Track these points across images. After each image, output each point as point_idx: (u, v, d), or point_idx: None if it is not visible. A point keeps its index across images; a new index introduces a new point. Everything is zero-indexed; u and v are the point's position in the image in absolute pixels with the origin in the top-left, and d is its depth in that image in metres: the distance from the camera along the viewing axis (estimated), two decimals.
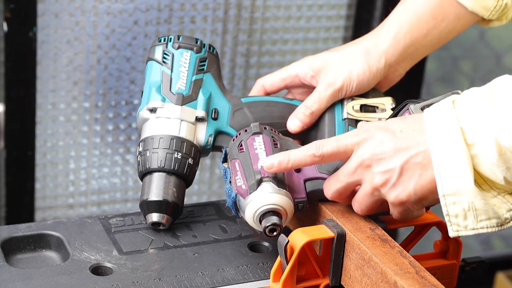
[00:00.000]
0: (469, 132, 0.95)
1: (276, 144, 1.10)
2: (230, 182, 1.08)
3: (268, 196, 1.04)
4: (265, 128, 1.12)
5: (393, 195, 1.00)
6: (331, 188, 1.05)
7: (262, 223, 1.04)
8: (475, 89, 0.98)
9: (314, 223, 1.10)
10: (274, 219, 1.03)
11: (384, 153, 1.00)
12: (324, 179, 1.08)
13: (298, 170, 1.09)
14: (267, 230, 1.04)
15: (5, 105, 1.63)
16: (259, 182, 1.05)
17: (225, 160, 1.13)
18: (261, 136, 1.10)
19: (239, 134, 1.13)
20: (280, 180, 1.06)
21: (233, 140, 1.13)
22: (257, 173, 1.05)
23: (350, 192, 1.05)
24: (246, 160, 1.08)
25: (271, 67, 1.81)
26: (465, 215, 0.96)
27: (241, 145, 1.10)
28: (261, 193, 1.04)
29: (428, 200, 1.00)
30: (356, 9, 1.83)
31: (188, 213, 1.20)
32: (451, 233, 0.98)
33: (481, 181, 0.96)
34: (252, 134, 1.11)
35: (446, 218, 0.97)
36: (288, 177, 1.08)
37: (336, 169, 1.07)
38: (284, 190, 1.05)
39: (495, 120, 0.93)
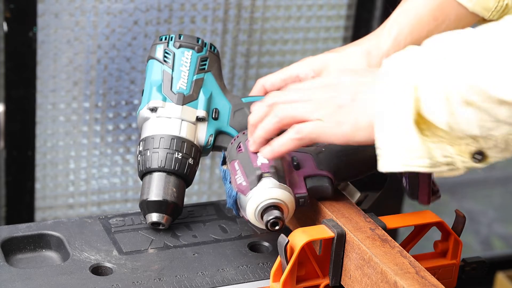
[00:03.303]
0: (417, 75, 0.95)
1: None
2: (230, 182, 1.09)
3: (270, 191, 1.04)
4: None
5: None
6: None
7: (264, 217, 1.04)
8: (438, 35, 0.98)
9: (314, 223, 1.10)
10: (276, 213, 1.03)
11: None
12: (324, 176, 1.08)
13: (297, 168, 1.09)
14: (269, 224, 1.03)
15: (5, 105, 1.63)
16: (260, 177, 1.05)
17: (224, 162, 1.13)
18: None
19: (237, 137, 1.13)
20: (281, 175, 1.06)
21: (231, 143, 1.13)
22: (257, 169, 1.05)
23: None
24: (246, 159, 1.08)
25: (271, 67, 1.81)
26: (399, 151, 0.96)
27: (240, 146, 1.10)
28: (262, 188, 1.04)
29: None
30: (356, 9, 1.83)
31: (188, 213, 1.20)
32: (383, 167, 0.97)
33: (424, 127, 0.96)
34: None
35: (378, 151, 0.97)
36: (288, 174, 1.08)
37: (334, 164, 1.07)
38: (285, 185, 1.06)
39: (445, 63, 0.93)
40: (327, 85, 1.04)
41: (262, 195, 1.04)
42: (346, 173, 1.12)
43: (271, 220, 1.03)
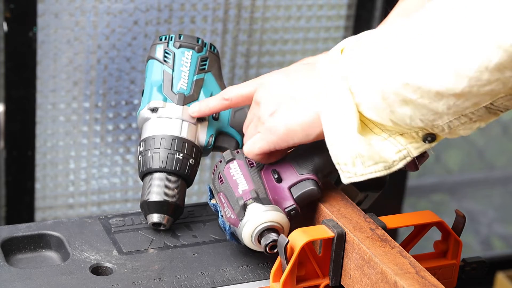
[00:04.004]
0: (352, 80, 0.96)
1: (252, 164, 1.10)
2: (222, 215, 1.09)
3: (258, 217, 1.04)
4: (237, 152, 1.12)
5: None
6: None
7: (262, 242, 1.05)
8: (364, 33, 0.99)
9: (314, 223, 1.10)
10: (272, 236, 1.04)
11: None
12: (307, 179, 1.08)
13: (279, 180, 1.09)
14: (267, 248, 1.04)
15: (5, 105, 1.63)
16: (244, 207, 1.05)
17: (212, 196, 1.13)
18: (235, 161, 1.11)
19: (216, 166, 1.13)
20: (264, 197, 1.06)
21: (213, 174, 1.13)
22: (240, 199, 1.06)
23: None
24: (229, 190, 1.08)
25: (271, 67, 1.81)
26: (353, 162, 0.99)
27: (220, 177, 1.11)
28: (249, 216, 1.05)
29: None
30: (356, 9, 1.83)
31: (188, 213, 1.20)
32: (345, 180, 1.01)
33: (372, 125, 0.98)
34: (226, 163, 1.11)
35: (337, 167, 1.00)
36: (272, 190, 1.08)
37: (314, 163, 1.08)
38: (271, 205, 1.06)
39: (377, 64, 0.94)
40: (264, 96, 1.07)
41: (252, 224, 1.05)
42: (329, 167, 1.11)
43: (269, 244, 1.04)
